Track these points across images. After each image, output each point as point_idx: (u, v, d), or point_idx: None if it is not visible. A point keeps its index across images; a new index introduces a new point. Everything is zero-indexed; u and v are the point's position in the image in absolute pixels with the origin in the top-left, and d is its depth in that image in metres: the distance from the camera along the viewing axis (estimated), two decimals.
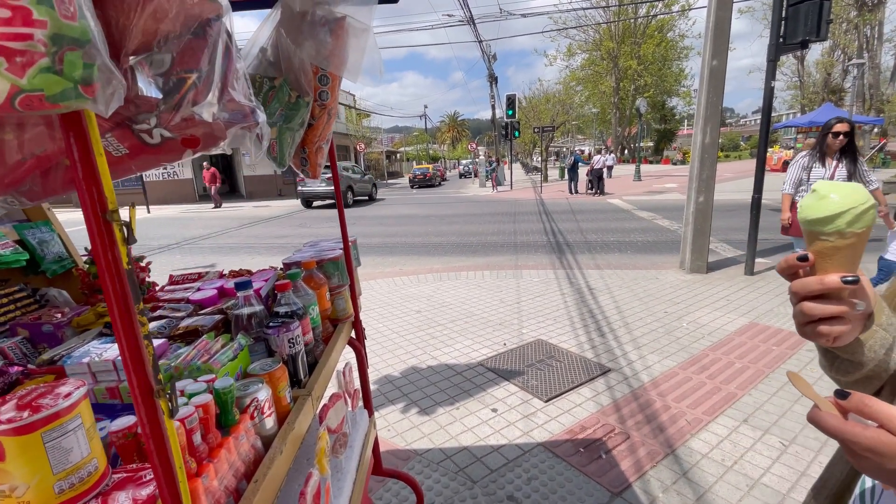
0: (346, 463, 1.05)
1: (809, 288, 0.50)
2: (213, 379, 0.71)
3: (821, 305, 0.50)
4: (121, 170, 0.50)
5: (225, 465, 0.63)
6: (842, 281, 0.48)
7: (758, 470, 2.08)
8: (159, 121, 0.44)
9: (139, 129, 0.44)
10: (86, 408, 0.46)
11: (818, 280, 0.49)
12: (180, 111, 0.43)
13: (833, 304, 0.49)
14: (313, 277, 1.19)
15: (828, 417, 0.44)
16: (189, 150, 0.47)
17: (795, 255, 0.50)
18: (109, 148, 0.46)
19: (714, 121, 5.08)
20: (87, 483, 0.44)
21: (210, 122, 0.45)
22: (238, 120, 0.49)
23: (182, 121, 0.44)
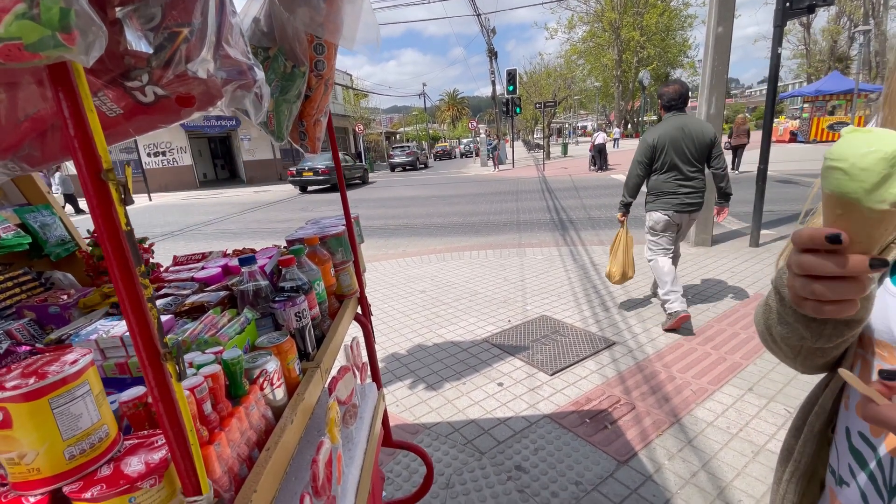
0: (357, 433, 1.06)
1: (826, 271, 0.42)
2: (220, 351, 0.71)
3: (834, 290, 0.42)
4: (118, 132, 0.49)
5: (237, 433, 0.64)
6: (870, 265, 0.39)
7: (763, 437, 2.10)
8: (151, 77, 0.42)
9: (131, 87, 0.42)
10: (93, 374, 0.46)
11: (838, 264, 0.41)
12: (173, 67, 0.42)
13: (850, 286, 0.42)
14: (317, 253, 1.19)
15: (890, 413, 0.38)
16: (185, 109, 0.45)
17: (823, 231, 0.40)
18: (104, 108, 0.45)
19: (719, 90, 4.97)
20: (98, 449, 0.45)
21: (205, 79, 0.44)
22: (235, 77, 0.47)
23: (175, 78, 0.43)
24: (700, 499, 1.78)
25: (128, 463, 0.45)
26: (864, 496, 0.55)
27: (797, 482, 0.66)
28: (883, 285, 0.53)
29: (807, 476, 0.66)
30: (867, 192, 0.37)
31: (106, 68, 0.42)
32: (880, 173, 0.37)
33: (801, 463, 0.66)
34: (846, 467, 0.57)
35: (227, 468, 0.60)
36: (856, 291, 0.42)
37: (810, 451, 0.65)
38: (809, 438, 0.65)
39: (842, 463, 0.59)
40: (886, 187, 0.37)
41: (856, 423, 0.56)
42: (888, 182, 0.37)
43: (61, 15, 0.30)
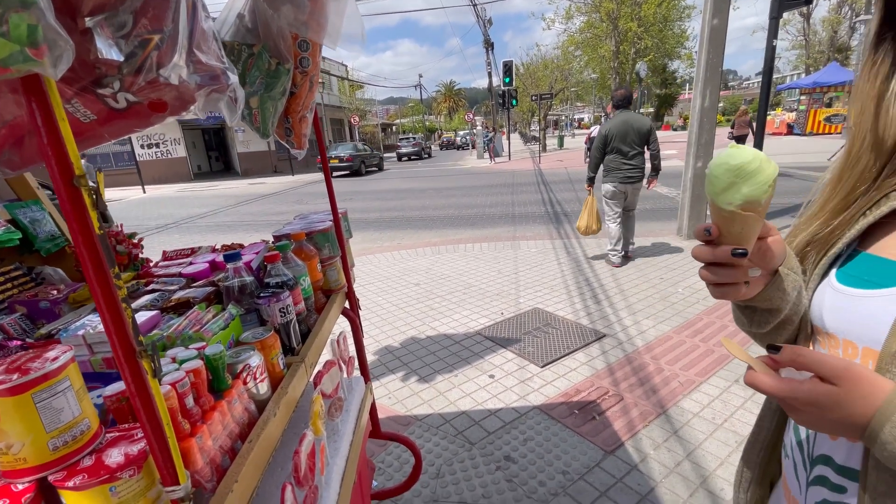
0: (343, 426, 1.08)
1: (703, 258, 0.51)
2: (203, 346, 0.73)
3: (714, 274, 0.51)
4: (92, 137, 0.50)
5: (219, 426, 0.66)
6: (731, 254, 0.48)
7: (747, 427, 2.15)
8: (123, 84, 0.43)
9: (103, 94, 0.43)
10: (74, 371, 0.47)
11: (710, 252, 0.50)
12: (143, 73, 0.43)
13: (726, 272, 0.51)
14: (303, 249, 1.20)
15: (763, 378, 0.45)
16: (157, 114, 0.46)
17: (704, 225, 0.51)
18: (77, 114, 0.46)
19: (714, 83, 4.97)
20: (80, 441, 0.47)
21: (177, 84, 0.45)
22: (208, 82, 0.48)
23: (147, 84, 0.44)
24: (683, 487, 1.83)
25: (109, 454, 0.47)
26: (795, 467, 0.59)
27: (756, 453, 0.70)
28: (828, 278, 0.57)
29: (767, 449, 0.70)
30: (716, 194, 0.47)
31: (77, 76, 0.43)
32: (726, 181, 0.46)
33: (759, 436, 0.70)
34: (789, 441, 0.62)
35: (210, 459, 0.62)
36: (731, 276, 0.51)
37: (769, 426, 0.69)
38: (767, 413, 0.69)
39: (787, 437, 0.63)
40: (731, 192, 0.46)
41: None
42: (732, 188, 0.46)
43: (29, 31, 0.32)
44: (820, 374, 0.43)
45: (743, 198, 0.46)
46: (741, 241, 0.49)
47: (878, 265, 0.52)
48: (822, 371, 0.43)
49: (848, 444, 0.51)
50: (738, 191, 0.46)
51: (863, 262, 0.54)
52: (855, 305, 0.51)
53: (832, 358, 0.44)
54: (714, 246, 0.50)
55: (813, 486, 0.55)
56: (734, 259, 0.49)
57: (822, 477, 0.53)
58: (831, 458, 0.52)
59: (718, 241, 0.50)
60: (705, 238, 0.50)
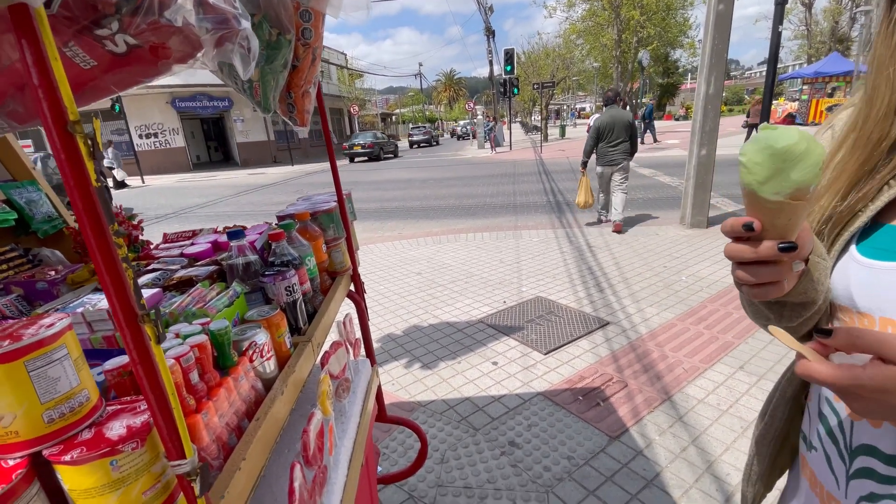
0: (350, 407, 1.06)
1: (744, 257, 0.45)
2: (208, 322, 0.70)
3: (755, 274, 0.46)
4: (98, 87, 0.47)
5: (225, 403, 0.63)
6: (778, 249, 0.43)
7: (752, 413, 2.14)
8: (122, 25, 0.40)
9: (101, 35, 0.40)
10: (71, 339, 0.45)
11: (752, 250, 0.44)
12: (142, 13, 0.39)
13: (770, 269, 0.45)
14: (308, 229, 1.17)
15: (818, 367, 0.41)
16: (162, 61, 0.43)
17: (742, 220, 0.44)
18: (77, 59, 0.42)
19: (719, 70, 4.90)
20: (78, 413, 0.44)
21: (181, 27, 0.41)
22: (216, 26, 0.44)
23: (147, 26, 0.40)
24: (689, 472, 1.82)
25: (110, 427, 0.44)
26: (828, 460, 0.55)
27: (768, 444, 0.68)
28: (848, 252, 0.53)
29: (778, 439, 0.67)
30: (760, 184, 0.41)
31: (74, 16, 0.40)
32: (771, 167, 0.40)
33: (771, 426, 0.67)
34: (815, 433, 0.58)
35: (216, 437, 0.60)
36: (774, 274, 0.45)
37: (781, 416, 0.66)
38: (780, 403, 0.66)
39: (812, 428, 0.60)
40: (778, 180, 0.40)
41: (824, 390, 0.56)
42: (779, 176, 0.40)
43: None
44: (883, 354, 0.38)
45: (793, 185, 0.40)
46: (787, 234, 0.43)
47: None
48: (886, 352, 0.38)
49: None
50: (787, 178, 0.40)
51: (889, 234, 0.50)
52: (890, 280, 0.48)
53: (894, 336, 0.39)
54: (755, 242, 0.44)
55: (855, 478, 0.51)
56: (781, 255, 0.43)
57: (868, 469, 0.50)
58: (876, 448, 0.49)
59: (761, 235, 0.44)
60: (744, 234, 0.44)
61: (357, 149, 20.92)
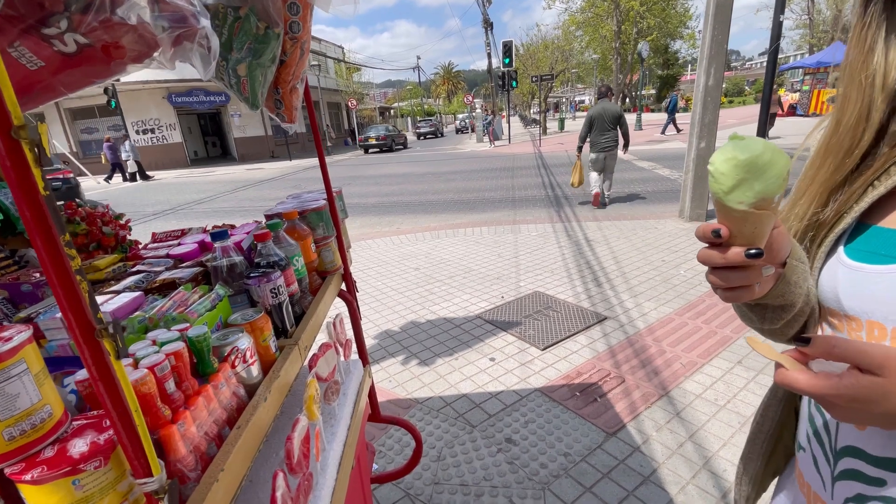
0: (340, 410, 1.05)
1: (713, 262, 0.46)
2: (186, 328, 0.68)
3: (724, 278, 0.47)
4: (46, 89, 0.44)
5: (204, 412, 0.62)
6: (745, 255, 0.44)
7: (750, 408, 2.13)
8: (71, 23, 0.37)
9: (49, 34, 0.37)
10: (31, 352, 0.43)
11: (720, 256, 0.45)
12: (94, 11, 0.37)
13: (739, 274, 0.46)
14: (296, 228, 1.15)
15: (797, 376, 0.41)
16: (116, 61, 0.40)
17: (711, 226, 0.45)
18: (22, 60, 0.40)
19: (719, 61, 4.85)
20: (40, 430, 0.42)
21: (135, 25, 0.39)
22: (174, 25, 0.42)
23: (99, 24, 0.38)
24: (686, 468, 1.81)
25: (73, 444, 0.42)
26: (815, 461, 0.56)
27: (760, 444, 0.68)
28: (836, 255, 0.53)
29: (771, 440, 0.67)
30: (725, 193, 0.42)
31: (19, 14, 0.37)
32: (735, 178, 0.41)
33: (763, 426, 0.67)
34: (804, 433, 0.58)
35: (193, 447, 0.58)
36: (743, 279, 0.46)
37: (773, 416, 0.66)
38: (772, 403, 0.66)
39: (801, 430, 0.60)
40: (742, 190, 0.41)
41: None
42: (743, 186, 0.41)
43: None
44: (860, 364, 0.39)
45: (756, 195, 0.41)
46: (754, 241, 0.44)
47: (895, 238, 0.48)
48: (863, 361, 0.38)
49: (884, 434, 0.46)
50: (751, 188, 0.41)
51: (876, 236, 0.50)
52: (877, 283, 0.47)
53: (871, 346, 0.39)
54: (724, 248, 0.45)
55: (841, 480, 0.51)
56: (748, 261, 0.44)
57: (854, 471, 0.50)
58: (862, 451, 0.49)
59: (729, 242, 0.45)
60: (714, 240, 0.45)
61: (371, 141, 23.25)
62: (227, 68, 0.98)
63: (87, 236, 1.37)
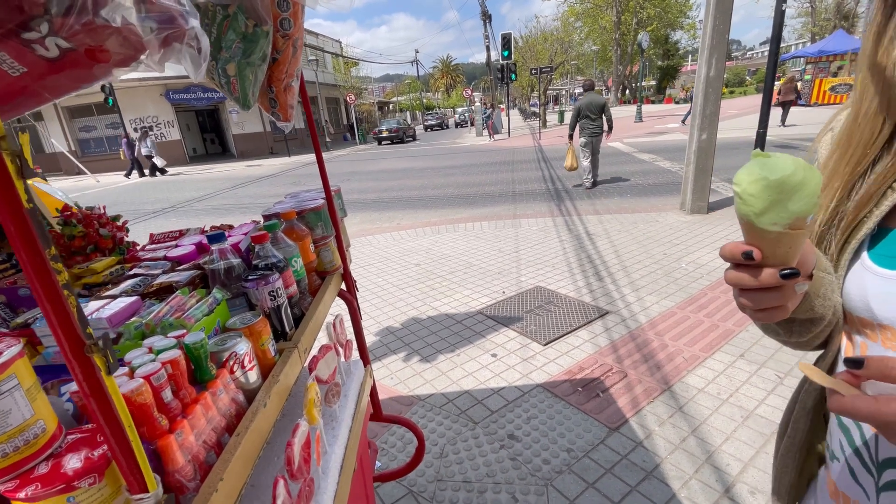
0: (341, 412, 1.04)
1: (745, 285, 0.44)
2: (183, 334, 0.67)
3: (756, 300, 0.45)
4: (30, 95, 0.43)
5: (202, 420, 0.61)
6: (780, 276, 0.42)
7: (753, 402, 2.12)
8: (52, 27, 0.36)
9: (29, 39, 0.36)
10: (23, 366, 0.42)
11: (753, 279, 0.43)
12: (76, 13, 0.35)
13: (771, 295, 0.44)
14: (294, 229, 1.14)
15: (856, 403, 0.38)
16: (100, 65, 0.39)
17: (741, 248, 0.43)
18: (3, 66, 0.39)
19: (720, 51, 4.80)
20: (34, 446, 0.41)
21: (119, 28, 0.37)
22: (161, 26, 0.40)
23: (82, 27, 0.36)
24: (689, 463, 1.81)
25: (68, 460, 0.42)
26: (852, 472, 0.54)
27: (793, 457, 0.66)
28: (859, 261, 0.52)
29: (803, 451, 0.66)
30: (757, 215, 0.40)
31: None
32: (767, 199, 0.39)
33: (795, 439, 0.66)
34: (837, 443, 0.56)
35: (192, 456, 0.57)
36: (777, 300, 0.44)
37: (803, 428, 0.64)
38: (801, 415, 0.64)
39: (833, 439, 0.58)
40: (776, 212, 0.39)
41: None
42: (776, 207, 0.39)
43: None
44: None
45: (791, 216, 0.39)
46: (788, 261, 0.42)
47: None
48: None
49: None
50: (785, 209, 0.39)
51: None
52: None
53: None
54: (755, 270, 0.43)
55: (887, 491, 0.50)
56: (784, 282, 0.42)
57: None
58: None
59: (762, 263, 0.42)
60: (745, 263, 0.43)
61: (384, 133, 25.39)
62: (217, 68, 0.96)
63: (84, 239, 1.36)
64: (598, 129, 6.92)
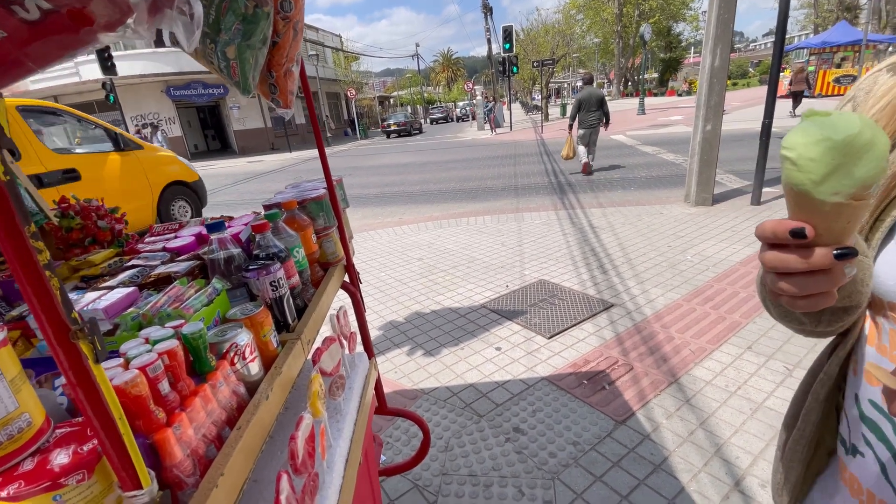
0: (346, 405, 1.02)
1: (791, 267, 0.38)
2: (181, 324, 0.65)
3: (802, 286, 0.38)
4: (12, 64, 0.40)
5: (201, 413, 0.58)
6: (834, 256, 0.36)
7: (761, 394, 2.10)
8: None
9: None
10: (6, 355, 0.39)
11: (802, 259, 0.37)
12: None
13: (820, 279, 0.38)
14: (296, 219, 1.11)
15: None
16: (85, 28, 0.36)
17: (788, 224, 0.37)
18: None
19: (725, 40, 4.73)
20: (18, 441, 0.39)
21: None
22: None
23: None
24: (698, 456, 1.79)
25: (55, 455, 0.39)
26: (883, 467, 0.50)
27: (802, 449, 0.63)
28: (893, 241, 0.48)
29: (812, 443, 0.63)
30: (816, 183, 0.34)
31: None
32: (829, 164, 0.33)
33: (805, 431, 0.62)
34: (860, 437, 0.53)
35: (191, 451, 0.55)
36: (827, 284, 0.38)
37: (815, 419, 0.61)
38: (814, 406, 0.61)
39: (854, 432, 0.55)
40: (837, 178, 0.33)
41: (866, 391, 0.52)
42: (838, 173, 0.33)
43: None
44: None
45: (857, 183, 0.33)
46: (843, 238, 0.36)
47: None
48: None
49: None
50: (850, 175, 0.33)
51: None
52: None
53: None
54: (804, 250, 0.37)
55: None
56: (837, 263, 0.36)
57: None
58: None
59: (813, 242, 0.36)
60: (790, 242, 0.37)
61: (393, 126, 26.92)
62: (217, 51, 0.93)
63: (81, 231, 1.34)
64: (597, 120, 7.36)
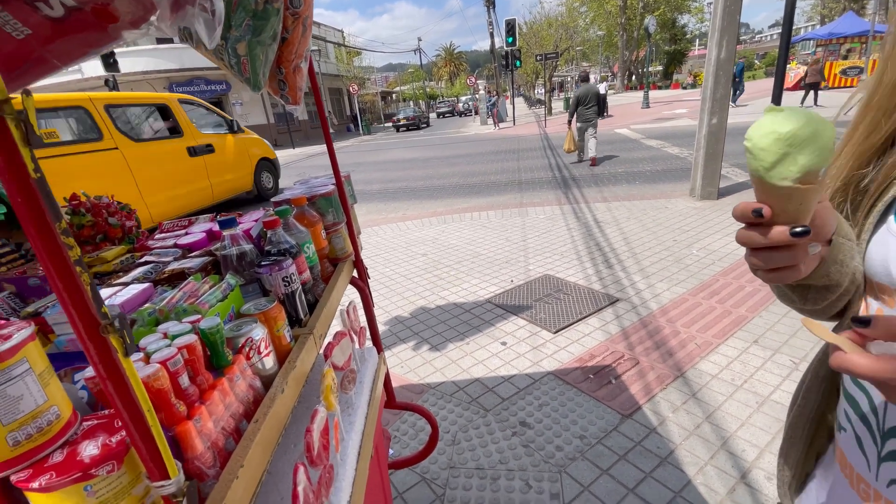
0: (357, 398, 1.03)
1: (755, 243, 0.44)
2: (198, 319, 0.66)
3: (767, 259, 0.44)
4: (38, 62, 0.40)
5: (220, 406, 0.59)
6: (790, 234, 0.41)
7: (768, 388, 2.10)
8: None
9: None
10: (34, 350, 0.40)
11: (762, 237, 0.43)
12: None
13: (782, 254, 0.44)
14: (305, 215, 1.11)
15: (858, 360, 0.38)
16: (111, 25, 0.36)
17: (752, 205, 0.43)
18: (7, 27, 0.36)
19: (731, 32, 4.68)
20: (48, 433, 0.40)
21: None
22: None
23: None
24: (704, 449, 1.79)
25: (84, 447, 0.40)
26: (859, 441, 0.53)
27: (802, 427, 0.65)
28: (885, 225, 0.50)
29: (814, 422, 0.65)
30: (766, 170, 0.40)
31: None
32: (776, 153, 0.39)
33: (805, 409, 0.64)
34: (843, 413, 0.56)
35: (211, 443, 0.56)
36: (788, 259, 0.44)
37: (815, 398, 0.63)
38: (814, 384, 0.63)
39: (840, 408, 0.57)
40: (785, 165, 0.39)
41: None
42: (785, 160, 0.39)
43: None
44: None
45: (802, 169, 0.38)
46: (799, 218, 0.41)
47: None
48: None
49: None
50: (795, 162, 0.38)
51: None
52: None
53: None
54: (765, 228, 0.43)
55: (888, 461, 0.49)
56: (794, 240, 0.42)
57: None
58: None
59: (771, 221, 0.42)
60: (754, 220, 0.43)
61: (402, 121, 28.54)
62: (227, 47, 0.93)
63: (93, 228, 1.35)
64: (594, 115, 7.96)
